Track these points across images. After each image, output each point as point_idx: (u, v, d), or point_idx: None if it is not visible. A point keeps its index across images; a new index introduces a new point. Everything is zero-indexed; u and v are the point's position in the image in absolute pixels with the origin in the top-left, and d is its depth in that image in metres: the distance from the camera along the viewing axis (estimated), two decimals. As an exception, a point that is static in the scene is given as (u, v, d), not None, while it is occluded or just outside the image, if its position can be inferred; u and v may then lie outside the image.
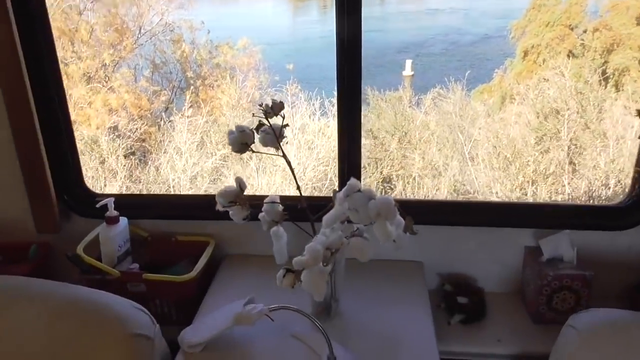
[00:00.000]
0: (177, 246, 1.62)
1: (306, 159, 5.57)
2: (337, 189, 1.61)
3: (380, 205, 1.15)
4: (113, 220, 1.52)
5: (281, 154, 1.27)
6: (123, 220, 1.56)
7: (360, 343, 1.29)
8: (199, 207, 1.65)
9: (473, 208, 1.67)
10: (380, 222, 1.16)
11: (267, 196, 1.31)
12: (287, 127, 1.28)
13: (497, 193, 5.29)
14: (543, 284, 1.45)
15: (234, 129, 1.24)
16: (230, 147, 1.23)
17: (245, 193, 1.25)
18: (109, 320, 1.17)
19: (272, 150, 1.30)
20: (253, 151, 1.25)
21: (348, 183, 1.19)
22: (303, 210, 1.29)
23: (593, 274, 1.43)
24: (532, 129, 5.54)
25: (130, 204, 1.65)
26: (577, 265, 1.47)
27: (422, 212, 1.56)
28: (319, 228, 1.23)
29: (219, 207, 1.22)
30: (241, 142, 1.22)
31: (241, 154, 1.24)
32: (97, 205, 1.51)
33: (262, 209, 1.33)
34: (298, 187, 1.30)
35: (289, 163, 1.29)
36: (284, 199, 1.66)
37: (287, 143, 1.33)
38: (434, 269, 1.62)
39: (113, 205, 1.52)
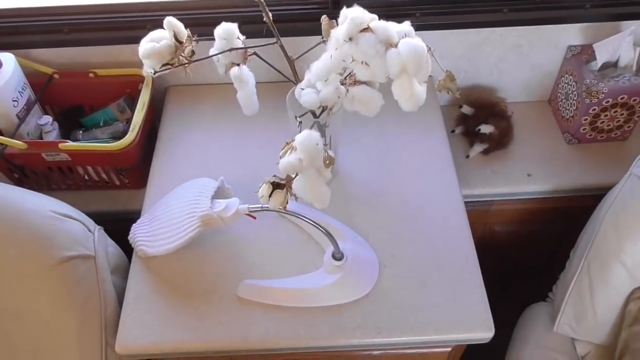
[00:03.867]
0: (99, 84, 1.17)
1: None
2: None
3: (407, 57, 0.72)
4: (-9, 66, 1.03)
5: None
6: (8, 60, 1.06)
7: (365, 203, 1.00)
8: (118, 24, 1.13)
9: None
10: (404, 80, 0.75)
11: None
12: None
13: None
14: (592, 103, 1.12)
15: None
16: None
17: None
18: (20, 247, 0.82)
19: None
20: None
21: (349, 17, 0.73)
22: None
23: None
24: None
25: (6, 29, 1.12)
26: (636, 71, 1.13)
27: (439, 11, 1.13)
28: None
29: (147, 71, 0.76)
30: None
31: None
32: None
33: (214, 46, 0.87)
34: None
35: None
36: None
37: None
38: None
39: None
